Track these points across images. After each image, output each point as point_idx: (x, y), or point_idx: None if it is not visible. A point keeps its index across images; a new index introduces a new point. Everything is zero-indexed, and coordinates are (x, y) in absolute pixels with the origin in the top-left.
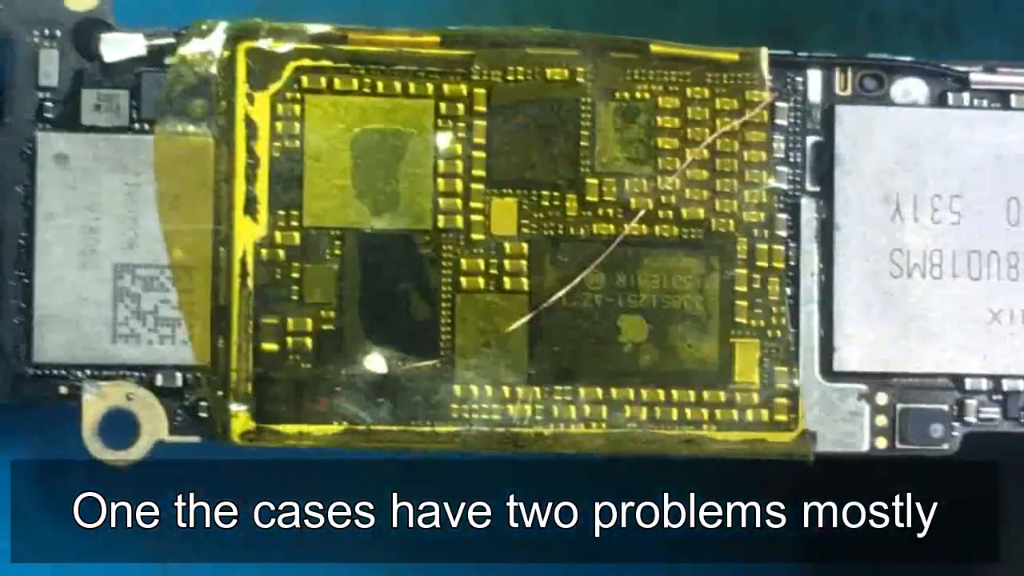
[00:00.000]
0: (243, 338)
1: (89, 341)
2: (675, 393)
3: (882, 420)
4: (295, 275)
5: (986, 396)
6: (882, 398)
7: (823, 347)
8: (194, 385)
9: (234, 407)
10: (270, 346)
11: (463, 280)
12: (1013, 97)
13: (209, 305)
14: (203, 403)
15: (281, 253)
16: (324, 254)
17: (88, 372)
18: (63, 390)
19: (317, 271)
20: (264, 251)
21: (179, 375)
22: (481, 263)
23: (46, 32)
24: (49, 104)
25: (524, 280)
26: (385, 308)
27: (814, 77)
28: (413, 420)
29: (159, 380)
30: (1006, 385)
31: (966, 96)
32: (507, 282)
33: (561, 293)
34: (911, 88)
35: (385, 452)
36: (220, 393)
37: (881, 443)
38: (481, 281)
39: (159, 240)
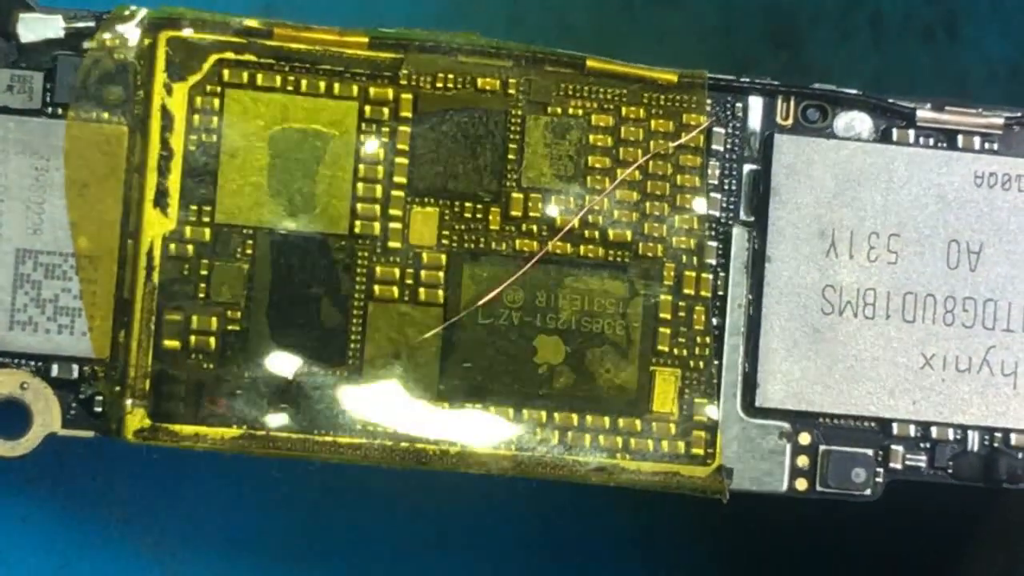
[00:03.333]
0: (144, 333)
1: None
2: (589, 418)
3: (803, 461)
4: (203, 272)
5: (913, 443)
6: (805, 438)
7: (746, 381)
8: (90, 378)
9: (130, 403)
10: (172, 343)
11: (376, 288)
12: (960, 137)
13: (112, 297)
14: (99, 397)
15: (190, 249)
16: (234, 253)
17: None
18: None
19: (226, 269)
20: (172, 246)
21: (76, 367)
22: (396, 272)
23: None
24: None
25: (440, 292)
26: (294, 312)
27: (755, 104)
28: (315, 429)
29: (55, 371)
30: (934, 433)
31: (911, 133)
32: (422, 293)
33: (476, 306)
34: (855, 122)
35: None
36: (116, 388)
37: (801, 484)
38: (395, 290)
39: (65, 227)
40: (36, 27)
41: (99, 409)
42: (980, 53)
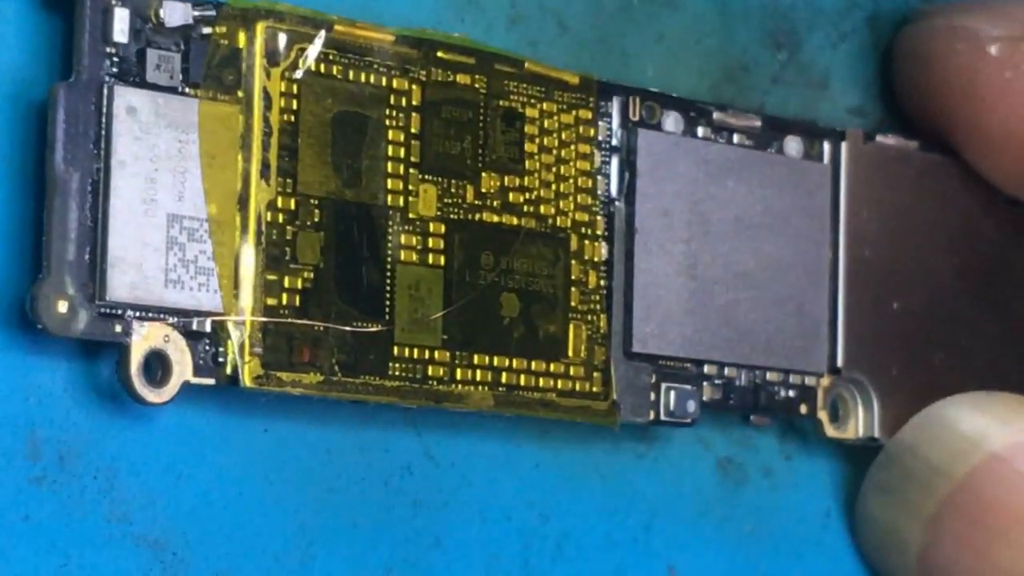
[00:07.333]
0: (257, 292)
1: (148, 285)
2: (534, 364)
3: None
4: (288, 237)
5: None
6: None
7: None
8: (218, 332)
9: (248, 355)
10: (272, 300)
11: (402, 253)
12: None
13: (234, 259)
14: (221, 349)
15: (281, 216)
16: (311, 220)
17: (140, 314)
18: (118, 328)
19: (306, 235)
20: (270, 214)
21: (208, 322)
22: (414, 240)
23: None
24: (117, 60)
25: (441, 257)
26: (350, 273)
27: (617, 104)
28: (365, 374)
29: (194, 325)
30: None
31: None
32: (430, 258)
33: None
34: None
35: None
36: (238, 342)
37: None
38: (414, 255)
39: (201, 195)
40: (174, 12)
41: (221, 360)
42: None
